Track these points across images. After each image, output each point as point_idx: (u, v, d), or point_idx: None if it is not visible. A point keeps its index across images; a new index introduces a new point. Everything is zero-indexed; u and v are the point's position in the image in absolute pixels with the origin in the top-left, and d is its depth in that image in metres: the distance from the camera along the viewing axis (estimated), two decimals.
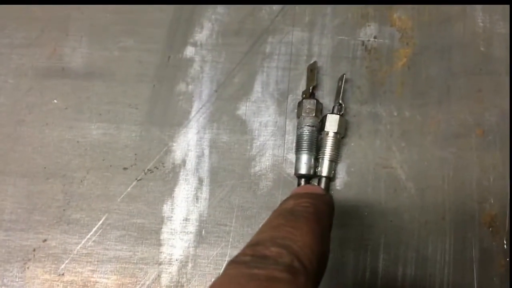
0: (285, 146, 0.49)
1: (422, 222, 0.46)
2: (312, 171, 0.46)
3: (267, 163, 0.48)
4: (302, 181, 0.47)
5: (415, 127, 0.48)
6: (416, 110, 0.49)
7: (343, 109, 0.48)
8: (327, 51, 0.51)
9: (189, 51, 0.52)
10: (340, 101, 0.48)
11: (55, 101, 0.51)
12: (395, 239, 0.45)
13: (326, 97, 0.50)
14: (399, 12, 0.52)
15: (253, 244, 0.25)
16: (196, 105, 0.50)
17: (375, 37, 0.51)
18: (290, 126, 0.49)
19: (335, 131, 0.46)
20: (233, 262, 0.24)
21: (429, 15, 0.51)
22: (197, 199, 0.48)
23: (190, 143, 0.49)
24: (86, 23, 0.54)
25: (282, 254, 0.24)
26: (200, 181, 0.48)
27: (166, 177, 0.49)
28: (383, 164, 0.47)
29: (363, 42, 0.51)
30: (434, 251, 0.45)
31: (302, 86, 0.50)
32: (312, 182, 0.47)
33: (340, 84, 0.48)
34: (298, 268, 0.23)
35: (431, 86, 0.49)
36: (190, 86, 0.51)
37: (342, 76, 0.48)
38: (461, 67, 0.49)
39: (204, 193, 0.48)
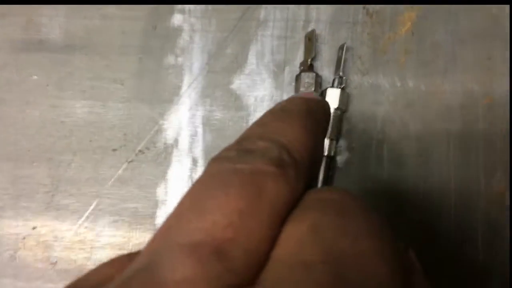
0: None
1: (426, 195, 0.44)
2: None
3: None
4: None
5: (419, 98, 0.45)
6: (421, 80, 0.46)
7: (344, 82, 0.45)
8: (326, 16, 0.47)
9: (177, 19, 0.48)
10: (341, 73, 0.45)
11: (34, 77, 0.48)
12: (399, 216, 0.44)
13: (325, 68, 0.46)
14: None
15: (238, 141, 0.23)
16: (186, 79, 0.47)
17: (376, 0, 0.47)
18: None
19: (336, 106, 0.44)
20: (216, 159, 0.21)
21: None
22: (191, 180, 0.46)
23: (182, 121, 0.46)
24: None
25: (270, 148, 0.21)
26: (194, 161, 0.46)
27: (158, 158, 0.46)
28: (386, 139, 0.45)
29: (364, 6, 0.47)
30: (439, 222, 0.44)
31: (300, 56, 0.47)
32: None
33: (340, 54, 0.45)
34: (287, 161, 0.21)
35: (436, 54, 0.46)
36: (179, 59, 0.47)
37: (343, 46, 0.45)
38: (469, 32, 0.46)
39: (199, 174, 0.45)
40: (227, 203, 0.19)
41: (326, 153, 0.44)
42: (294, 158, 0.21)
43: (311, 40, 0.45)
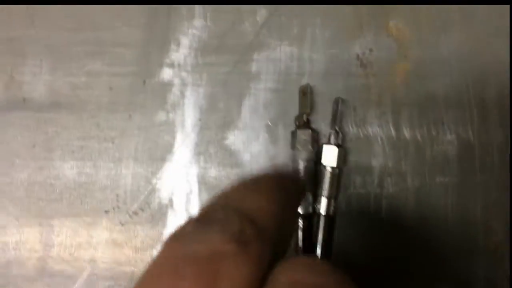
0: None
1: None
2: (310, 209, 0.43)
3: None
4: (300, 222, 0.44)
5: (415, 150, 0.45)
6: (417, 131, 0.45)
7: (340, 138, 0.44)
8: (320, 68, 0.46)
9: (167, 73, 0.46)
10: (337, 128, 0.44)
11: (19, 138, 0.46)
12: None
13: (321, 121, 0.45)
14: (395, 19, 0.47)
15: (200, 211, 0.21)
16: (179, 136, 0.46)
17: (370, 50, 0.46)
18: (284, 156, 0.45)
19: (333, 165, 0.43)
20: (172, 237, 0.20)
21: (426, 22, 0.47)
22: None
23: (176, 179, 0.45)
24: (42, 43, 0.47)
25: (231, 219, 0.19)
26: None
27: (153, 219, 0.45)
28: (384, 193, 0.45)
29: (358, 55, 0.46)
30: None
31: (294, 109, 0.45)
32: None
33: (335, 108, 0.44)
34: (250, 233, 0.19)
35: (431, 104, 0.46)
36: (170, 115, 0.46)
37: (338, 100, 0.44)
38: (463, 80, 0.46)
39: None
40: None
41: (324, 213, 0.43)
42: (258, 229, 0.20)
43: (305, 94, 0.45)
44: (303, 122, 0.44)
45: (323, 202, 0.43)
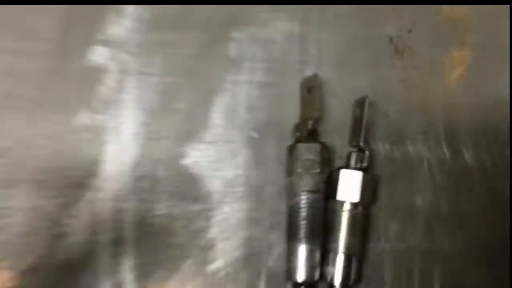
0: (268, 220, 0.29)
1: None
2: (317, 275, 0.26)
3: (236, 254, 0.28)
4: None
5: (481, 177, 0.29)
6: (485, 153, 0.29)
7: (366, 159, 0.27)
8: (333, 55, 0.30)
9: (98, 54, 0.30)
10: (361, 143, 0.27)
11: None
12: None
13: (333, 133, 0.29)
14: None
15: None
16: (111, 150, 0.29)
17: (409, 31, 0.31)
18: (275, 186, 0.29)
19: (356, 200, 0.26)
20: None
21: None
22: None
23: (98, 219, 0.28)
24: None
25: None
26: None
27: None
28: (435, 249, 0.28)
29: (391, 38, 0.31)
30: None
31: (294, 113, 0.29)
32: None
33: (358, 114, 0.28)
34: None
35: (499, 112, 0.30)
36: (99, 117, 0.29)
37: (362, 101, 0.28)
38: None
39: None
40: None
41: (340, 282, 0.26)
42: None
43: (312, 90, 0.28)
44: (308, 132, 0.28)
45: (339, 262, 0.26)
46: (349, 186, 0.27)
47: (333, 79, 0.30)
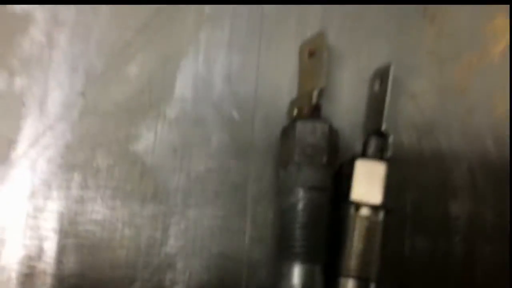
0: (250, 232, 0.21)
1: None
2: None
3: (205, 277, 0.20)
4: None
5: None
6: None
7: (390, 146, 0.20)
8: (341, 15, 0.23)
9: None
10: (383, 126, 0.20)
11: None
12: None
13: (344, 114, 0.21)
14: None
15: None
16: (30, 129, 0.20)
17: None
18: (260, 184, 0.20)
19: (377, 202, 0.18)
20: None
21: None
22: None
23: (7, 218, 0.20)
24: None
25: None
26: None
27: None
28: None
29: None
30: None
31: (288, 87, 0.21)
32: None
33: (379, 88, 0.21)
34: None
35: None
36: (18, 79, 0.21)
37: (386, 71, 0.21)
38: None
39: None
40: None
41: None
42: None
43: (316, 53, 0.21)
44: (311, 109, 0.20)
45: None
46: (368, 182, 0.19)
47: (341, 47, 0.23)
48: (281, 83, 0.22)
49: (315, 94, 0.20)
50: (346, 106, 0.22)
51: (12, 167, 0.21)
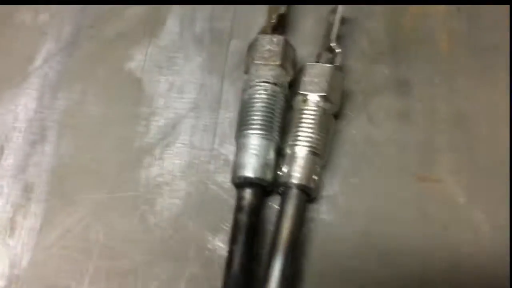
0: (217, 129, 0.24)
1: None
2: (270, 174, 0.21)
3: (177, 162, 0.23)
4: (247, 194, 0.21)
5: (470, 109, 0.24)
6: (474, 79, 0.25)
7: (338, 58, 0.23)
8: None
9: None
10: (333, 44, 0.24)
11: None
12: None
13: (306, 46, 0.25)
14: None
15: None
16: (46, 49, 0.25)
17: None
18: (230, 93, 0.25)
19: (323, 93, 0.22)
20: None
21: None
22: (12, 230, 0.22)
23: (20, 116, 0.24)
24: None
25: None
26: (27, 191, 0.22)
27: None
28: (418, 174, 0.23)
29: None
30: None
31: (260, 24, 0.25)
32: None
33: (332, 19, 0.25)
34: None
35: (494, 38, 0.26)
36: (42, 16, 0.26)
37: (335, 9, 0.25)
38: None
39: (32, 218, 0.22)
40: None
41: (299, 181, 0.21)
42: None
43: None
44: (272, 27, 0.24)
45: (300, 159, 0.21)
46: (316, 80, 0.22)
47: None
48: (254, 21, 0.26)
49: (274, 17, 0.25)
50: (309, 35, 0.26)
51: (29, 76, 0.25)
